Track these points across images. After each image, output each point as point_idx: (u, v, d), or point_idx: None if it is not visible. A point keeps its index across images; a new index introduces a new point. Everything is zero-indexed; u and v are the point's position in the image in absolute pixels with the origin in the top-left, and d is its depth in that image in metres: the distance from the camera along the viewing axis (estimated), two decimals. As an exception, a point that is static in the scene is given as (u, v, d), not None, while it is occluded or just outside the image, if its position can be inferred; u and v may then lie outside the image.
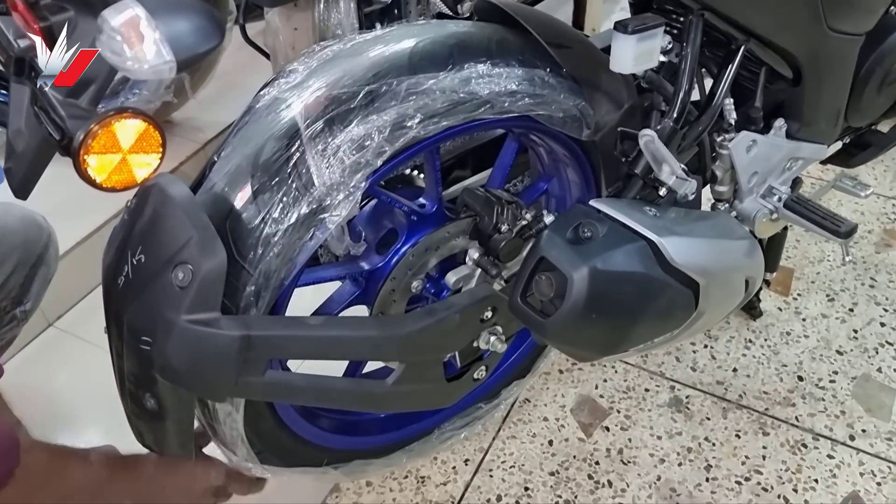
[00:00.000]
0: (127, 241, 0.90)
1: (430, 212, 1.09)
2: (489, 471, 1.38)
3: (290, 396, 0.97)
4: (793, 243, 1.79)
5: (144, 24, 0.55)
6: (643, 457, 1.39)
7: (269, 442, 1.08)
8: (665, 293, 0.95)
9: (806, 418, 1.45)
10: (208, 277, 0.83)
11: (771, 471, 1.37)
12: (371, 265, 1.08)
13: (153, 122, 0.65)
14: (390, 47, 0.94)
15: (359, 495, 1.35)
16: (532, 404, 1.48)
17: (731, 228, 1.10)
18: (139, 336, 0.87)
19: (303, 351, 0.93)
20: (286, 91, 0.92)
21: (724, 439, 1.42)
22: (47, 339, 1.65)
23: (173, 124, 2.01)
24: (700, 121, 1.08)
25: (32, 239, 1.20)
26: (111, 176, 0.65)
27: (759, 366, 1.54)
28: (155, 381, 0.88)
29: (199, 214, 0.85)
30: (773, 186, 1.26)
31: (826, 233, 1.22)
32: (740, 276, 1.08)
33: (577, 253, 0.90)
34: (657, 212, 0.99)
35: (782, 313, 1.65)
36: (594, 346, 0.97)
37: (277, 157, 0.89)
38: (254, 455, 1.05)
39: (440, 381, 1.06)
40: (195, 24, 0.59)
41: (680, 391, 1.50)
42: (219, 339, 0.85)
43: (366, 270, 1.08)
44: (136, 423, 0.96)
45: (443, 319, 0.98)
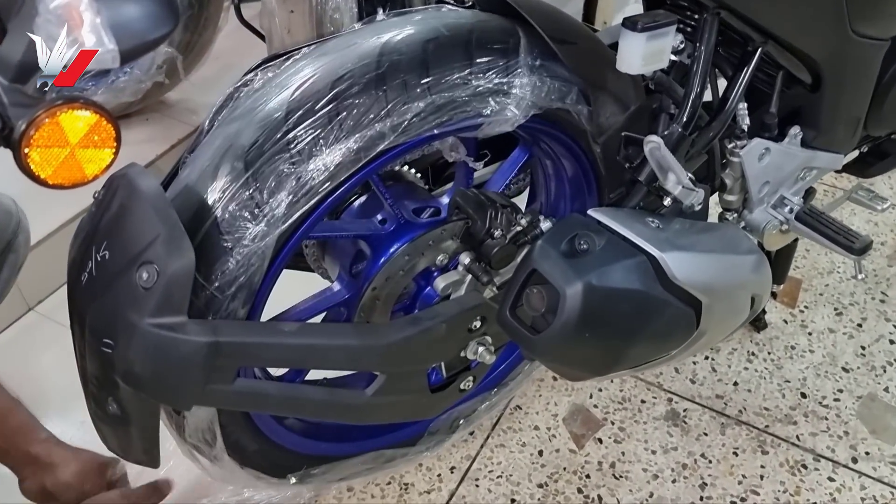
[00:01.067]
0: (92, 235, 0.84)
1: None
2: (475, 480, 1.33)
3: (262, 406, 0.91)
4: (802, 252, 1.73)
5: (85, 7, 0.49)
6: (636, 472, 1.34)
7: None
8: (664, 312, 0.89)
9: (807, 437, 1.39)
10: (174, 278, 0.78)
11: (768, 492, 1.31)
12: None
13: (106, 115, 0.59)
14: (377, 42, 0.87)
15: (339, 500, 1.30)
16: (523, 412, 1.43)
17: (737, 242, 1.04)
18: (100, 338, 0.82)
19: (276, 359, 0.88)
20: (264, 86, 0.87)
21: (721, 456, 1.36)
22: (28, 324, 1.61)
23: (167, 105, 1.95)
24: (711, 127, 1.02)
25: (1, 225, 1.16)
26: (57, 172, 0.59)
27: (761, 380, 1.48)
28: (117, 386, 0.83)
29: (168, 211, 0.79)
30: (785, 197, 1.19)
31: (839, 248, 1.16)
32: (746, 294, 1.02)
33: (571, 267, 0.84)
34: (660, 223, 0.93)
35: (788, 326, 1.59)
36: (586, 365, 0.92)
37: (255, 151, 0.83)
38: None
39: (424, 392, 1.00)
40: (145, 9, 0.53)
41: (677, 404, 1.44)
42: (184, 344, 0.80)
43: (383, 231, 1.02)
44: (100, 427, 0.92)
45: (428, 329, 0.93)
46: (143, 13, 0.52)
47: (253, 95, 0.88)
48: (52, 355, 1.53)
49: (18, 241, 1.15)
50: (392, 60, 0.85)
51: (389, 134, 0.85)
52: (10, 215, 1.14)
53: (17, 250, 1.15)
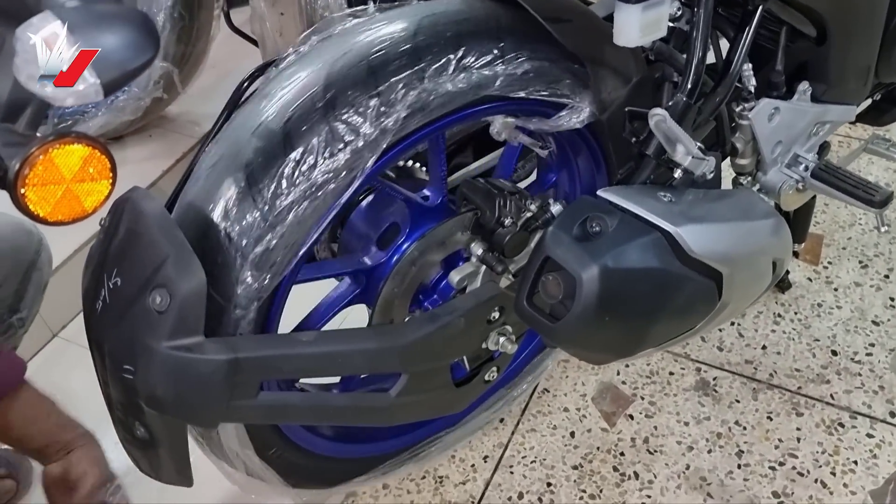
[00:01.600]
0: (103, 263, 0.84)
1: (434, 203, 1.02)
2: (509, 467, 1.32)
3: (288, 417, 0.91)
4: (821, 207, 1.70)
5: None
6: (670, 445, 1.33)
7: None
8: (685, 287, 0.87)
9: (842, 396, 1.37)
10: (188, 300, 0.77)
11: (806, 454, 1.30)
12: (373, 261, 1.02)
13: (99, 146, 0.58)
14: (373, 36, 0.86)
15: (375, 499, 1.30)
16: (551, 394, 1.42)
17: (753, 207, 1.02)
18: (120, 364, 0.81)
19: (296, 369, 0.87)
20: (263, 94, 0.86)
21: (756, 422, 1.35)
22: (53, 350, 1.62)
23: (167, 119, 1.95)
24: (716, 92, 0.99)
25: (22, 246, 1.18)
26: (56, 209, 0.58)
27: (789, 342, 1.46)
28: (142, 410, 0.83)
29: (175, 232, 0.79)
30: (799, 155, 1.16)
31: (858, 202, 1.13)
32: (767, 259, 1.00)
33: (585, 251, 0.82)
34: (672, 196, 0.91)
35: (812, 284, 1.56)
36: (609, 348, 0.90)
37: (257, 164, 0.82)
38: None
39: (448, 388, 1.00)
40: (124, 39, 0.51)
41: (706, 373, 1.42)
42: (204, 364, 0.79)
43: (367, 266, 1.02)
44: (131, 451, 0.92)
45: (446, 325, 0.92)
46: (122, 43, 0.51)
47: (250, 106, 0.87)
48: (80, 379, 1.53)
49: (42, 259, 1.18)
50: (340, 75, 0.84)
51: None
52: (31, 235, 1.16)
53: (42, 268, 1.18)
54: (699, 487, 1.27)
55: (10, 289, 1.16)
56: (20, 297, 1.18)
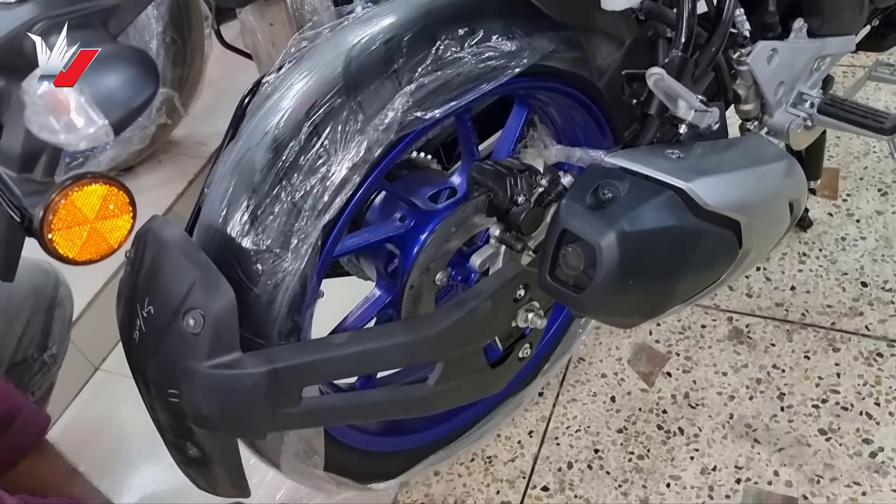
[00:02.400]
0: (133, 294, 0.86)
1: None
2: (555, 439, 1.34)
3: (332, 419, 0.93)
4: (833, 141, 1.68)
5: (67, 89, 0.50)
6: (711, 397, 1.33)
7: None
8: (704, 241, 0.87)
9: (877, 326, 1.37)
10: (220, 319, 0.79)
11: (848, 388, 1.30)
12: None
13: (115, 183, 0.60)
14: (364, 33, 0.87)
15: (428, 486, 1.33)
16: (587, 362, 1.43)
17: (763, 151, 1.02)
18: (165, 389, 0.84)
19: (334, 371, 0.89)
20: (264, 107, 0.87)
21: (794, 363, 1.35)
22: (98, 383, 1.65)
23: (174, 143, 1.97)
24: (711, 42, 0.99)
25: (40, 285, 1.22)
26: (84, 249, 0.60)
27: (817, 279, 1.46)
28: (191, 431, 0.86)
29: (198, 254, 0.81)
30: (803, 92, 1.16)
31: (869, 132, 1.12)
32: (783, 202, 1.00)
33: (600, 218, 0.83)
34: (680, 152, 0.92)
35: (833, 218, 1.55)
36: (637, 311, 0.91)
37: (268, 176, 0.84)
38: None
39: (485, 370, 1.01)
40: (125, 77, 0.53)
41: (738, 321, 1.43)
42: (245, 378, 0.81)
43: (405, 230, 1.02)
44: (186, 471, 0.95)
45: (474, 309, 0.93)
46: (124, 81, 0.53)
47: (254, 119, 0.88)
48: (128, 407, 1.57)
49: (61, 294, 1.21)
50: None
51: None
52: (47, 273, 1.19)
53: (63, 304, 1.21)
54: (745, 435, 1.28)
55: (37, 328, 1.20)
56: (47, 334, 1.22)
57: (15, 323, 1.17)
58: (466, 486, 1.31)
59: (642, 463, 1.28)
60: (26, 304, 1.18)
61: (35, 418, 1.04)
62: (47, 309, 1.22)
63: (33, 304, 1.19)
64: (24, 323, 1.18)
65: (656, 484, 1.25)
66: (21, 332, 1.17)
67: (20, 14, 0.56)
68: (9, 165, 0.61)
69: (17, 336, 1.17)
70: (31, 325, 1.19)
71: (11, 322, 1.16)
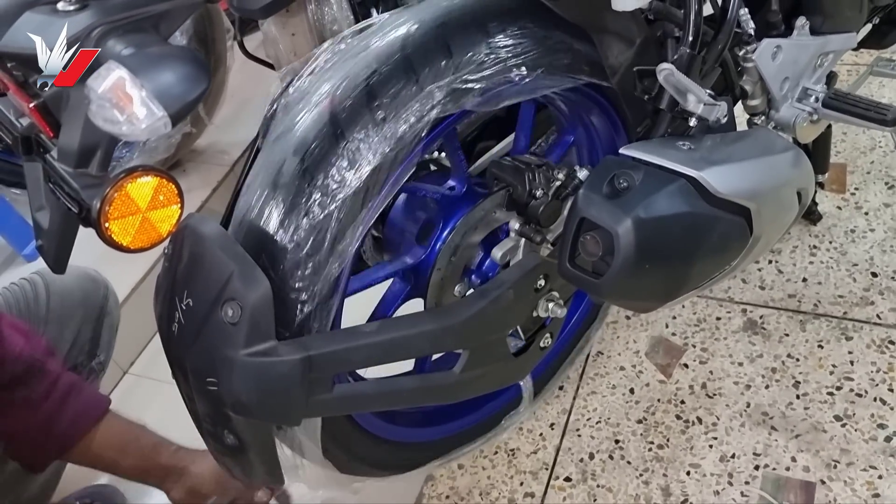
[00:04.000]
0: (172, 288, 0.90)
1: (461, 192, 1.08)
2: (576, 430, 1.37)
3: (363, 405, 0.97)
4: (839, 137, 1.72)
5: (130, 85, 0.54)
6: (728, 386, 1.37)
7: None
8: (716, 227, 0.91)
9: (888, 314, 1.40)
10: (257, 308, 0.83)
11: (861, 375, 1.33)
12: (415, 258, 1.07)
13: (165, 175, 0.65)
14: (386, 39, 0.92)
15: (453, 479, 1.36)
16: (605, 356, 1.46)
17: (771, 143, 1.06)
18: (204, 378, 0.88)
19: (365, 359, 0.93)
20: (295, 106, 0.92)
21: (808, 352, 1.38)
22: (127, 387, 1.70)
23: (198, 152, 2.02)
24: (717, 39, 1.03)
25: (91, 293, 1.26)
26: (136, 237, 0.65)
27: (828, 270, 1.49)
28: (229, 418, 0.89)
29: (235, 247, 0.85)
30: (808, 87, 1.20)
31: (872, 124, 1.16)
32: (791, 190, 1.03)
33: (617, 206, 0.87)
34: (691, 144, 0.96)
35: (842, 211, 1.59)
36: (654, 295, 0.95)
37: (298, 174, 0.88)
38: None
39: (508, 358, 1.05)
40: (180, 73, 0.58)
41: (752, 313, 1.46)
42: (280, 365, 0.85)
43: (411, 264, 1.07)
44: (222, 460, 0.98)
45: (497, 298, 0.97)
46: (179, 77, 0.57)
47: (289, 114, 0.92)
48: (157, 409, 1.61)
49: (110, 303, 1.25)
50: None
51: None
52: (97, 282, 1.24)
53: (111, 312, 1.26)
54: (762, 422, 1.30)
55: (87, 336, 1.25)
56: (96, 342, 1.26)
57: (67, 330, 1.21)
58: (490, 478, 1.35)
59: (662, 452, 1.31)
60: (78, 312, 1.23)
61: (96, 398, 1.11)
62: (97, 317, 1.26)
63: (84, 311, 1.24)
64: (76, 330, 1.22)
65: (676, 472, 1.28)
66: (73, 339, 1.22)
67: (80, 20, 0.61)
68: (66, 161, 0.66)
69: (68, 343, 1.22)
70: (81, 333, 1.23)
71: (63, 329, 1.21)
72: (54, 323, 1.19)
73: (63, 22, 0.61)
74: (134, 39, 0.60)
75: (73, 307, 1.22)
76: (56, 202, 0.69)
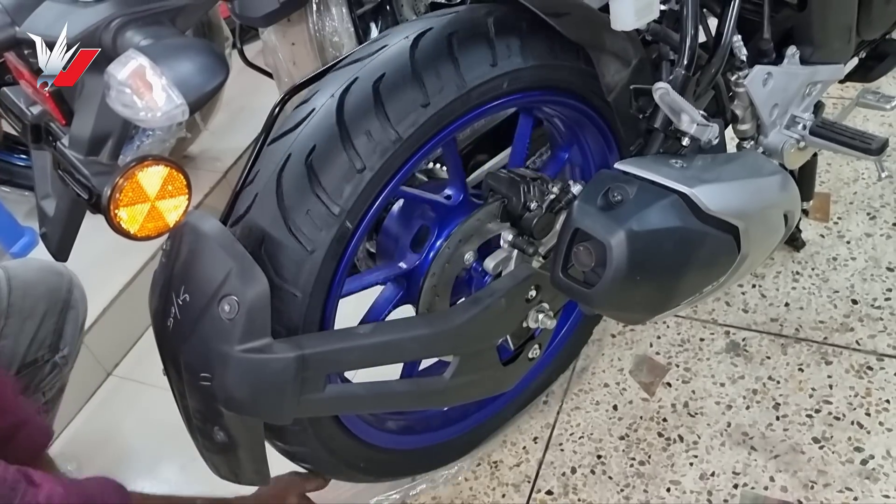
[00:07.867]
0: (169, 283, 0.91)
1: (457, 201, 1.09)
2: (559, 445, 1.38)
3: (354, 406, 0.98)
4: (824, 167, 1.76)
5: (150, 73, 0.56)
6: (709, 406, 1.39)
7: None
8: (706, 243, 0.94)
9: (867, 340, 1.43)
10: (254, 305, 0.84)
11: (840, 399, 1.35)
12: (409, 264, 1.09)
13: (175, 165, 0.66)
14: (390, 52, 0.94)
15: (435, 489, 1.36)
16: (590, 372, 1.48)
17: (760, 165, 1.09)
18: (198, 373, 0.88)
19: (358, 360, 0.94)
20: (300, 106, 0.93)
21: (788, 375, 1.40)
22: (110, 388, 1.69)
23: (191, 158, 2.03)
24: (711, 63, 1.06)
25: (54, 287, 1.24)
26: (144, 225, 0.66)
27: (810, 296, 1.52)
28: (221, 414, 0.90)
29: (235, 245, 0.86)
30: (796, 115, 1.24)
31: (857, 152, 1.20)
32: (778, 212, 1.06)
33: (611, 218, 0.89)
34: (684, 163, 0.98)
35: (825, 239, 1.62)
36: (644, 307, 0.97)
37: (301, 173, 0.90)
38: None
39: (496, 367, 1.06)
40: (199, 64, 0.59)
41: (735, 335, 1.49)
42: (275, 363, 0.86)
43: (405, 270, 1.09)
44: (210, 458, 0.98)
45: (489, 306, 0.99)
46: (199, 67, 0.59)
47: (294, 113, 0.94)
48: (140, 411, 1.61)
49: (75, 297, 1.24)
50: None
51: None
52: (62, 276, 1.22)
53: (76, 306, 1.24)
54: (742, 442, 1.32)
55: (49, 328, 1.22)
56: (59, 335, 1.24)
57: (28, 324, 1.19)
58: (473, 489, 1.35)
59: (643, 468, 1.32)
60: (40, 306, 1.20)
61: (38, 433, 1.05)
62: (60, 311, 1.24)
63: (47, 305, 1.21)
64: (37, 324, 1.20)
65: (657, 489, 1.29)
66: (33, 333, 1.19)
67: (98, 11, 0.63)
68: (77, 149, 0.67)
69: (29, 337, 1.19)
70: (43, 327, 1.21)
71: (24, 323, 1.18)
72: (15, 317, 1.17)
73: (82, 12, 0.62)
74: (153, 31, 0.61)
75: (35, 300, 1.20)
76: (63, 190, 0.70)
